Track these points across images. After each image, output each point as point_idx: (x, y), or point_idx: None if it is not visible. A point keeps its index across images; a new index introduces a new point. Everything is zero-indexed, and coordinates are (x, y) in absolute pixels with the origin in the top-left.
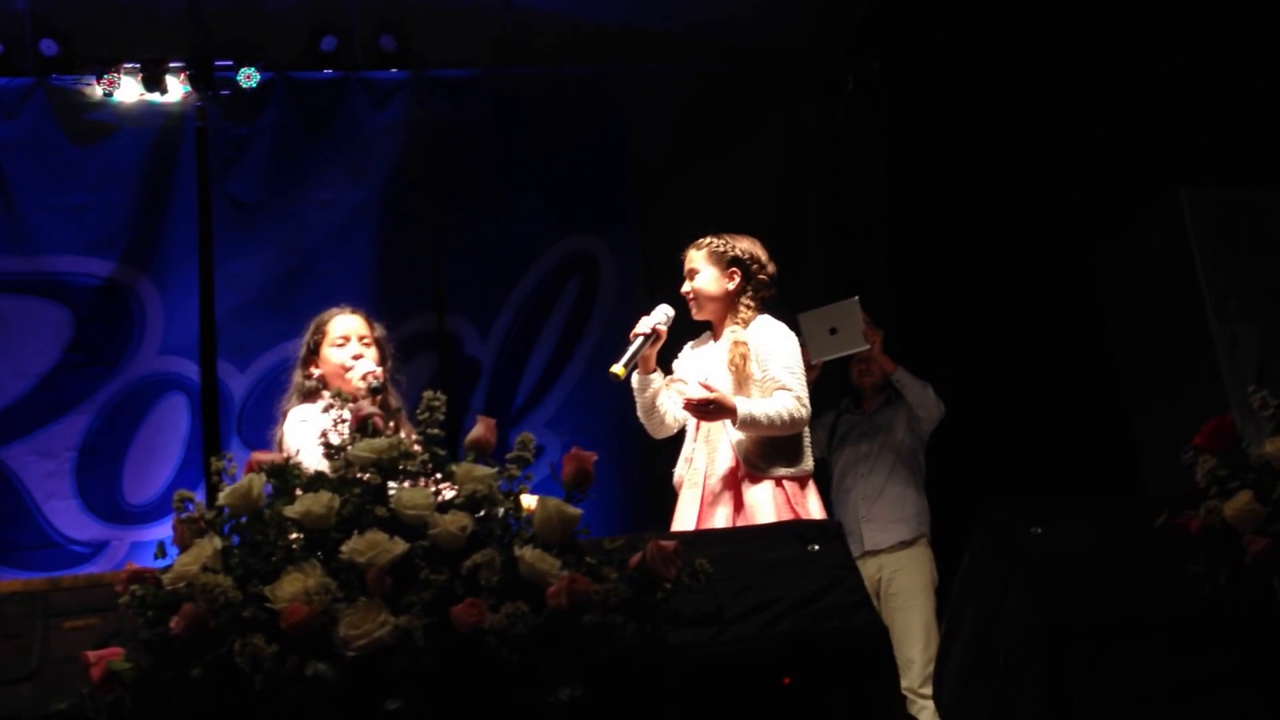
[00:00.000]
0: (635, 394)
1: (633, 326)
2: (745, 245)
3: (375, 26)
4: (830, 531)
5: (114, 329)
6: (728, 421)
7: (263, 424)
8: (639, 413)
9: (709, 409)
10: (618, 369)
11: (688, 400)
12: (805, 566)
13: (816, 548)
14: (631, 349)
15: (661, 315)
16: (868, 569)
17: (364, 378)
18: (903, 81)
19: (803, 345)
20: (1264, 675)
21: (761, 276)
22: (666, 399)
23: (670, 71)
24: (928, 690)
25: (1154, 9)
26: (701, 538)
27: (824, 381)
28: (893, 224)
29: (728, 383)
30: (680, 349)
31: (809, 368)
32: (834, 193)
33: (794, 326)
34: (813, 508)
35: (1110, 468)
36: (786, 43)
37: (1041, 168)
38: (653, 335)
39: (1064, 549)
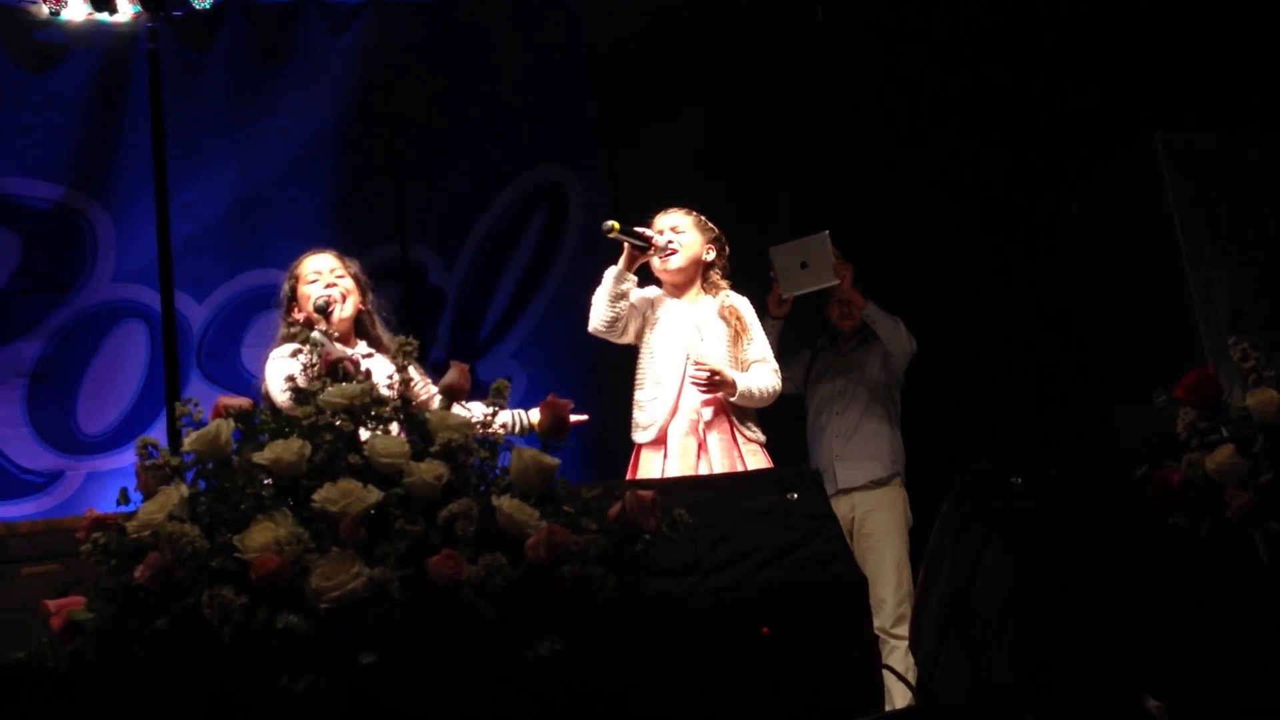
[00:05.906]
0: (606, 281)
1: (600, 258)
2: (720, 233)
3: None
4: (809, 480)
5: (64, 255)
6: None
7: (222, 357)
8: (602, 298)
9: (714, 383)
10: (613, 224)
11: (696, 378)
12: (784, 516)
13: (795, 496)
14: (637, 231)
15: (665, 240)
16: (841, 508)
17: (315, 300)
18: (874, 17)
19: (773, 279)
20: (1243, 631)
21: (725, 264)
22: (633, 312)
23: None
24: (900, 630)
25: None
26: (678, 485)
27: (799, 318)
28: (860, 162)
29: (724, 342)
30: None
31: (780, 302)
32: (800, 127)
33: (764, 260)
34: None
35: (1081, 412)
36: None
37: (1015, 111)
38: (649, 247)
39: (1044, 505)
